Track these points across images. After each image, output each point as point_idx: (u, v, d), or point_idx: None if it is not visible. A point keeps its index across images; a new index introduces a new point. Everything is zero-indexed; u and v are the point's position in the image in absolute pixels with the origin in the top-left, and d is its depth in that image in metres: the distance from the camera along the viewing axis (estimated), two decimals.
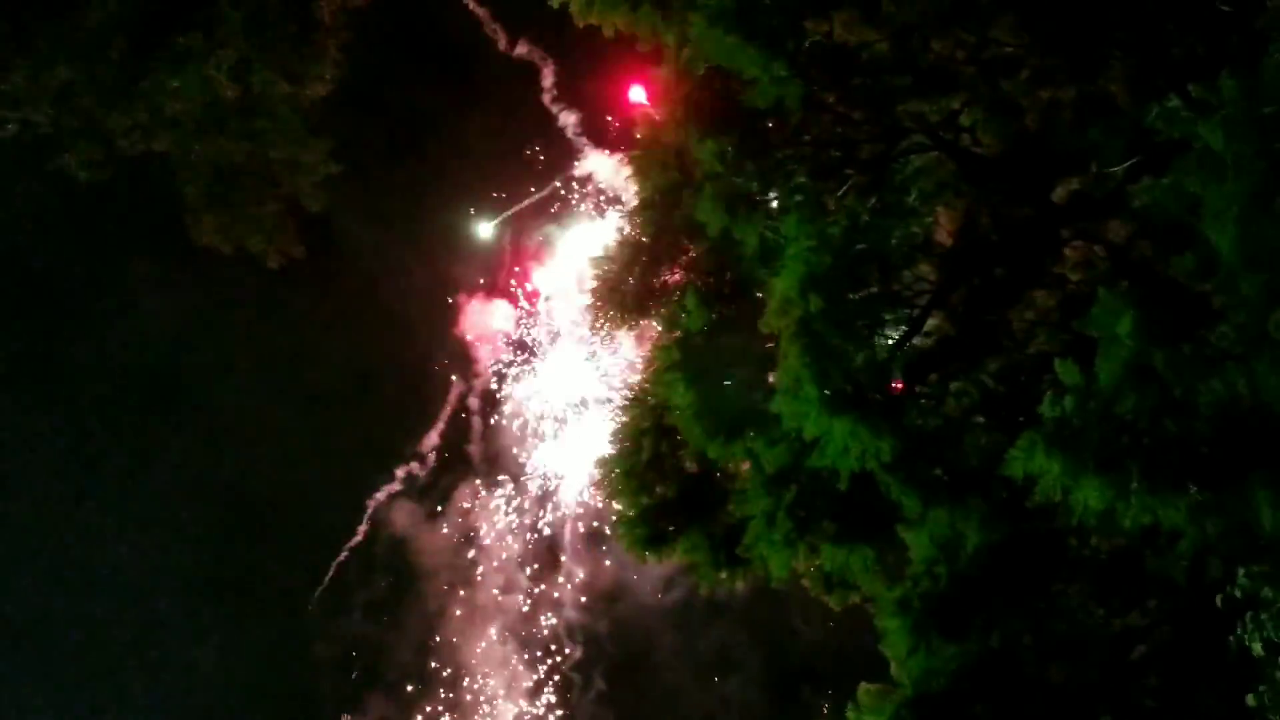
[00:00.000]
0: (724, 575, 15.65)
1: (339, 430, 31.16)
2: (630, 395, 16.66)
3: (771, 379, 13.71)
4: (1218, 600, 8.82)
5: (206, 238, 24.38)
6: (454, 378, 32.78)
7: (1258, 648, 8.02)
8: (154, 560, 30.13)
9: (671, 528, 16.04)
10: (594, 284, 16.15)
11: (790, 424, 13.18)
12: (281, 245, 24.41)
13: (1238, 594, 8.45)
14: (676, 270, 16.03)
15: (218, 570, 30.54)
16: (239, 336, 29.85)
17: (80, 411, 29.63)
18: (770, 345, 13.91)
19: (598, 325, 16.30)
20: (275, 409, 30.36)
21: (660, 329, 15.85)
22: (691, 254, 15.91)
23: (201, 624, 30.71)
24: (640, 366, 17.80)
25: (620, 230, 16.29)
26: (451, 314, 32.49)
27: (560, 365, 32.68)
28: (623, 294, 15.85)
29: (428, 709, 31.52)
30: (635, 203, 16.10)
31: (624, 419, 16.43)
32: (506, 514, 32.62)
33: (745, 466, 14.82)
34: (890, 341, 14.15)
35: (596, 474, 16.81)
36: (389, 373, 32.02)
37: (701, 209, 14.79)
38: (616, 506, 16.52)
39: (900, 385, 14.17)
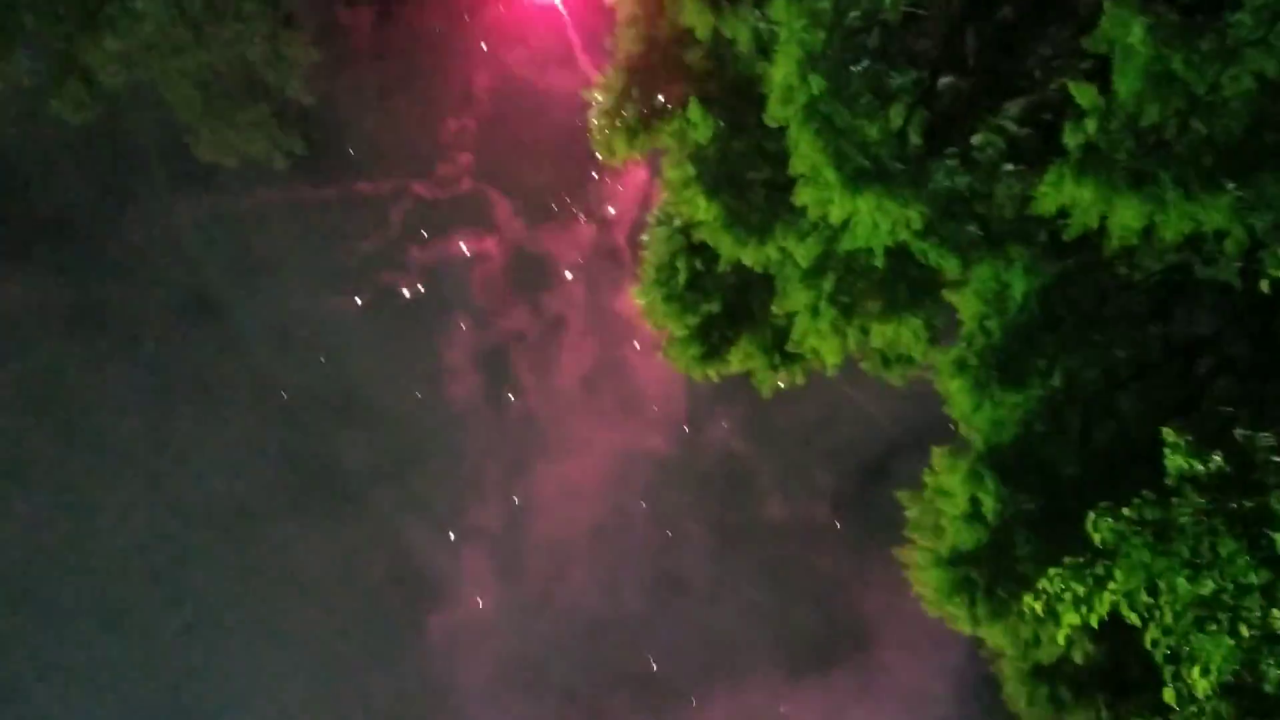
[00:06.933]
0: (781, 374, 15.80)
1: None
2: (655, 220, 16.52)
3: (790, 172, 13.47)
4: (1263, 286, 8.68)
5: (209, 153, 24.22)
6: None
7: None
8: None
9: (722, 340, 16.15)
10: (595, 114, 15.83)
11: (815, 212, 13.00)
12: (282, 145, 24.17)
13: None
14: (675, 83, 15.62)
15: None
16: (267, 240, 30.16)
17: (138, 342, 30.25)
18: (782, 139, 13.62)
19: (605, 155, 16.02)
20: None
21: (671, 147, 15.58)
22: (687, 62, 15.49)
23: None
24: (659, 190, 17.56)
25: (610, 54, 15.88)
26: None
27: None
28: (625, 119, 15.52)
29: None
30: (619, 21, 15.62)
31: (654, 245, 16.34)
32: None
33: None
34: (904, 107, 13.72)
35: (639, 304, 16.82)
36: None
37: (686, 13, 14.37)
38: (665, 331, 16.61)
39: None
